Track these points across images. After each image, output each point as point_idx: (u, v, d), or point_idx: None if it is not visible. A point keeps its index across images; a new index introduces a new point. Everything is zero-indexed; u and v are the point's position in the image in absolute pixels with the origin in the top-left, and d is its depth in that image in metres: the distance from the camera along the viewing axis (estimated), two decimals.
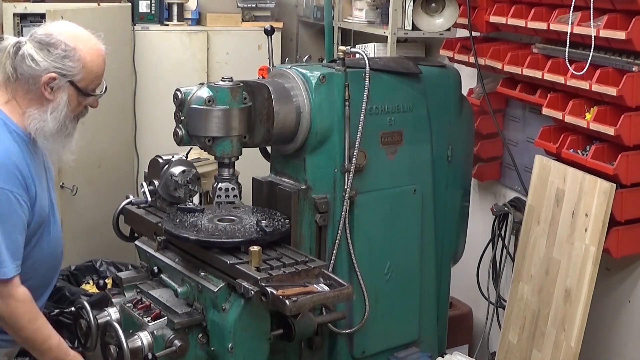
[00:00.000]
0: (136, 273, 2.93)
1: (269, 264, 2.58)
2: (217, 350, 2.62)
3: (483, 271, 3.91)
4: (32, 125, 2.56)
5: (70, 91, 2.56)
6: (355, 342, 3.02)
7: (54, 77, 2.52)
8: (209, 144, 2.69)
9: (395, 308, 3.12)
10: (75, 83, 2.56)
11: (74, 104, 2.60)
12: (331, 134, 2.90)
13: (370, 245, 3.02)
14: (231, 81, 2.71)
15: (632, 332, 3.34)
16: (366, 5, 4.89)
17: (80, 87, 2.57)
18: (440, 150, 3.23)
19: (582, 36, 3.09)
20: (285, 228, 2.79)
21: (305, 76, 2.88)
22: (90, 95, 2.63)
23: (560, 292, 3.21)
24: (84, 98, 2.62)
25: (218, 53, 5.51)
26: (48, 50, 2.52)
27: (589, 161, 3.14)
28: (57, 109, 2.55)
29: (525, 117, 3.91)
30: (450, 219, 3.36)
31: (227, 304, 2.58)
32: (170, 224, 2.81)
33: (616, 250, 3.14)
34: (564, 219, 3.25)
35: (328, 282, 2.57)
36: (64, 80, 2.53)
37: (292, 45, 6.05)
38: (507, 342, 3.52)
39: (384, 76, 3.02)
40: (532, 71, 3.42)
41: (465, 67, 3.99)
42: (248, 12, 5.70)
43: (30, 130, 2.57)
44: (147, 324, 2.64)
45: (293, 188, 2.91)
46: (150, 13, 5.39)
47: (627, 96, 2.95)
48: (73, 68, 2.53)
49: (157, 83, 5.31)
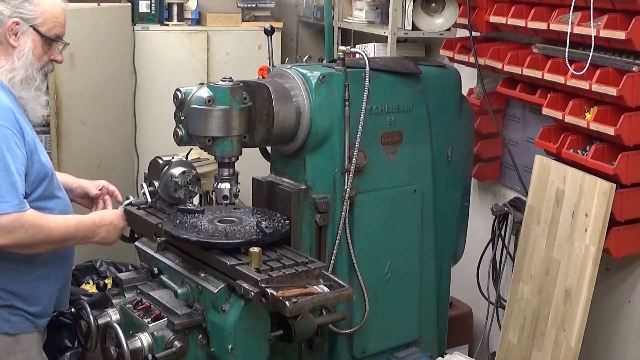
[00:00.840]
0: (136, 274, 2.93)
1: (269, 265, 2.58)
2: (217, 351, 2.61)
3: (483, 271, 3.91)
4: (6, 78, 2.69)
5: (33, 37, 2.69)
6: (355, 342, 3.02)
7: (16, 21, 2.66)
8: (209, 144, 2.69)
9: (395, 308, 3.12)
10: (37, 27, 2.69)
11: (39, 51, 2.72)
12: (331, 134, 2.90)
13: (370, 245, 3.02)
14: (231, 81, 2.70)
15: (632, 332, 3.34)
16: (366, 5, 4.89)
17: (43, 32, 2.70)
18: (440, 150, 3.23)
19: (582, 36, 3.09)
20: (285, 229, 2.78)
21: (305, 76, 2.88)
22: (53, 41, 2.73)
23: (560, 292, 3.21)
24: (48, 46, 2.73)
25: (218, 53, 5.51)
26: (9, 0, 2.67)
27: (589, 161, 3.14)
28: (22, 55, 2.68)
29: (525, 117, 3.91)
30: (450, 219, 3.35)
31: (227, 305, 2.58)
32: (170, 225, 2.81)
33: (616, 250, 3.14)
34: (564, 219, 3.25)
35: (328, 283, 2.57)
36: (26, 25, 2.67)
37: (292, 45, 6.06)
38: (507, 342, 3.52)
39: (384, 76, 3.02)
40: (532, 71, 3.42)
41: (465, 67, 3.99)
42: (248, 12, 5.70)
43: (4, 81, 2.69)
44: (147, 325, 2.64)
45: (293, 188, 2.91)
46: (150, 13, 5.39)
47: (627, 96, 2.95)
48: (33, 11, 2.67)
49: (157, 83, 5.31)
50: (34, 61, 2.70)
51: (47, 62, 2.77)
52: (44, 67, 2.77)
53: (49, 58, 2.76)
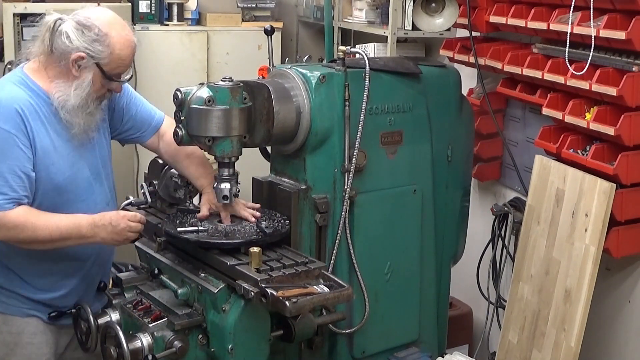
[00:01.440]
0: (136, 274, 2.93)
1: (269, 265, 2.58)
2: (217, 351, 2.61)
3: (483, 271, 3.91)
4: (57, 96, 2.72)
5: (95, 72, 2.71)
6: (355, 342, 3.02)
7: (82, 56, 2.68)
8: (209, 144, 2.69)
9: (395, 308, 3.12)
10: (101, 66, 2.70)
11: (98, 85, 2.74)
12: (331, 134, 2.90)
13: (370, 245, 3.02)
14: (231, 81, 2.70)
15: (632, 332, 3.34)
16: (366, 5, 4.89)
17: (105, 70, 2.71)
18: (440, 150, 3.23)
19: (582, 36, 3.09)
20: (285, 229, 2.79)
21: (305, 76, 2.88)
22: (113, 80, 2.76)
23: (560, 292, 3.21)
24: (108, 82, 2.75)
25: (218, 53, 5.51)
26: (82, 32, 2.68)
27: (589, 161, 3.14)
28: (80, 86, 2.71)
29: (525, 117, 3.91)
30: (450, 219, 3.35)
31: (227, 305, 2.58)
32: (170, 225, 2.81)
33: (616, 250, 3.14)
34: (564, 219, 3.25)
35: (328, 283, 2.57)
36: (92, 61, 2.69)
37: (292, 45, 6.05)
38: (507, 342, 3.52)
39: (384, 76, 3.02)
40: (532, 71, 3.42)
41: (465, 67, 3.99)
42: (248, 12, 5.70)
43: (54, 101, 2.72)
44: (147, 325, 2.64)
45: (293, 188, 2.91)
46: (150, 13, 5.38)
47: (627, 96, 2.95)
48: (101, 52, 2.68)
49: (157, 83, 5.30)
50: (91, 92, 2.73)
51: (104, 93, 2.80)
52: (99, 97, 2.79)
53: (106, 90, 2.80)
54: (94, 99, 2.75)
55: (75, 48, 2.66)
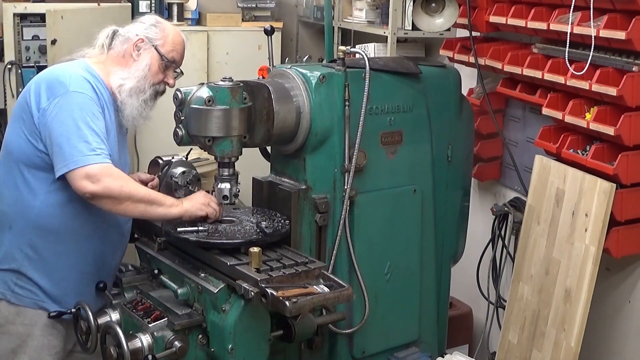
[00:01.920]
0: (136, 274, 2.93)
1: (269, 265, 2.58)
2: (217, 352, 2.61)
3: (483, 271, 3.91)
4: (115, 82, 2.91)
5: (153, 54, 2.93)
6: (355, 342, 3.02)
7: (142, 39, 2.94)
8: (209, 144, 2.69)
9: (395, 308, 3.12)
10: (158, 48, 2.94)
11: (155, 69, 2.94)
12: (331, 134, 2.90)
13: (370, 245, 3.02)
14: (231, 81, 2.71)
15: (632, 332, 3.34)
16: (366, 5, 4.89)
17: (162, 52, 2.94)
18: (440, 150, 3.23)
19: (582, 36, 3.09)
20: (285, 229, 2.79)
21: (305, 76, 2.88)
22: (169, 64, 2.96)
23: (560, 292, 3.21)
24: (164, 67, 2.96)
25: (218, 53, 5.51)
26: (141, 22, 3.00)
27: (589, 161, 3.14)
28: (139, 67, 2.92)
29: (525, 117, 3.91)
30: (450, 219, 3.35)
31: (227, 305, 2.58)
32: (170, 225, 2.81)
33: (616, 250, 3.14)
34: (564, 219, 3.25)
35: (328, 283, 2.57)
36: (150, 44, 2.94)
37: (292, 45, 6.05)
38: (507, 342, 3.52)
39: (384, 76, 3.02)
40: (532, 71, 3.42)
41: (465, 67, 3.99)
42: (248, 12, 5.69)
43: (113, 86, 2.91)
44: (147, 325, 2.64)
45: (293, 188, 2.91)
46: (150, 13, 5.38)
47: (627, 96, 2.95)
48: (158, 34, 2.96)
49: None
50: (149, 76, 2.92)
51: (160, 81, 2.96)
52: (156, 85, 2.96)
53: (162, 78, 2.97)
54: (150, 84, 2.92)
55: (135, 35, 2.94)
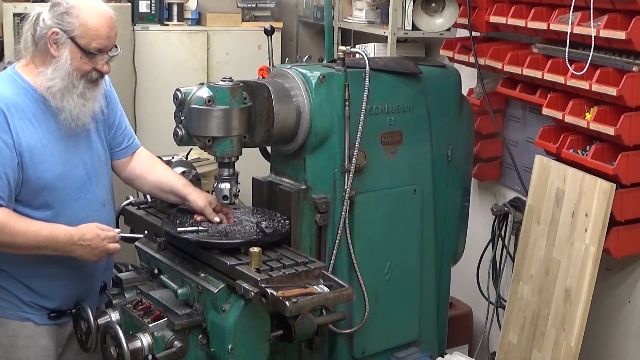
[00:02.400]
0: (136, 274, 2.93)
1: (269, 265, 2.58)
2: (217, 351, 2.61)
3: (483, 271, 3.91)
4: (44, 85, 2.70)
5: (71, 47, 2.68)
6: (355, 342, 3.02)
7: (56, 31, 2.66)
8: (209, 144, 2.69)
9: (395, 308, 3.12)
10: (76, 39, 2.67)
11: (77, 62, 2.69)
12: (331, 134, 2.90)
13: (370, 245, 3.02)
14: (231, 81, 2.70)
15: (632, 332, 3.34)
16: (366, 5, 4.89)
17: (81, 44, 2.68)
18: (440, 150, 3.23)
19: (582, 36, 3.09)
20: (285, 229, 2.79)
21: (305, 76, 2.88)
22: (92, 54, 2.70)
23: (560, 292, 3.21)
24: (89, 58, 2.70)
25: (218, 53, 5.51)
26: (53, 9, 2.69)
27: (589, 161, 3.14)
28: (59, 64, 2.68)
29: (525, 117, 3.91)
30: (450, 219, 3.35)
31: (227, 305, 2.58)
32: (170, 225, 2.81)
33: (616, 250, 3.14)
34: (564, 219, 3.25)
35: (328, 283, 2.57)
36: (65, 36, 2.66)
37: (292, 45, 6.05)
38: (507, 342, 3.52)
39: (384, 76, 3.02)
40: (532, 71, 3.42)
41: (465, 67, 3.99)
42: (248, 12, 5.70)
43: (43, 91, 2.71)
44: (147, 325, 2.64)
45: (293, 188, 2.91)
46: (150, 13, 5.39)
47: (627, 96, 2.95)
48: (71, 24, 2.66)
49: (157, 83, 5.31)
50: (72, 71, 2.69)
51: (89, 71, 2.72)
52: (86, 75, 2.72)
53: (92, 68, 2.73)
54: (78, 77, 2.70)
55: (49, 26, 2.66)
